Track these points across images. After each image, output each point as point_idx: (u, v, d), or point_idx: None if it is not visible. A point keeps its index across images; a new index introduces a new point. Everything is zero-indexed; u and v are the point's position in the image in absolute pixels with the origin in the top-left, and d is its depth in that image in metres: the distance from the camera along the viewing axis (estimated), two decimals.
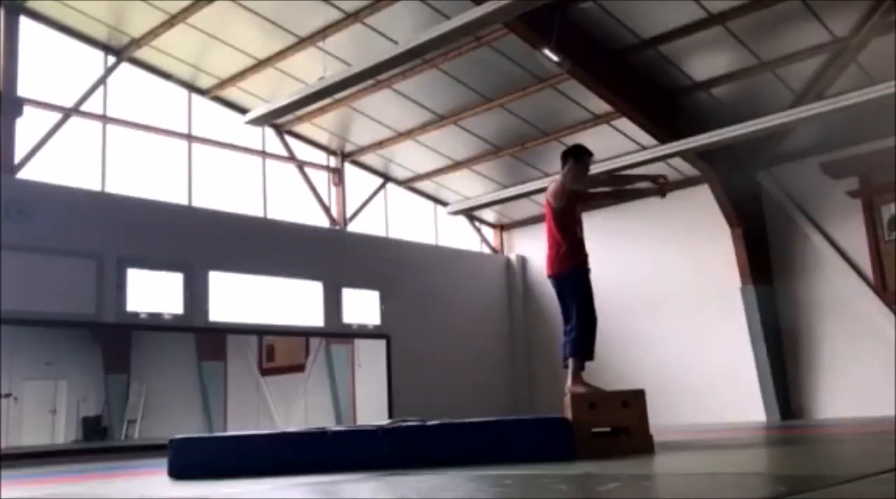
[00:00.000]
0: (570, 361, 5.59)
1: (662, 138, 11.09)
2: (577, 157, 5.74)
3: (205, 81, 11.66)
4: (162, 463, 5.30)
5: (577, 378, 5.51)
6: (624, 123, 11.60)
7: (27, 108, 9.95)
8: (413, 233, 14.30)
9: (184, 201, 11.33)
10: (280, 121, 12.22)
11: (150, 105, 11.29)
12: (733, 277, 12.01)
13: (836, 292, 11.55)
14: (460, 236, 15.18)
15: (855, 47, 9.89)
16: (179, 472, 4.98)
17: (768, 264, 12.17)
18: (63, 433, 9.39)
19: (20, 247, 9.25)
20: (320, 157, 13.40)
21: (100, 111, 10.72)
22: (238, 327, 11.20)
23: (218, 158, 11.99)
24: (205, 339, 10.84)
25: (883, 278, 11.20)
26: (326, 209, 13.24)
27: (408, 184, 14.30)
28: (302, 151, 13.11)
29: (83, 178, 10.40)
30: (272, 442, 5.20)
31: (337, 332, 12.30)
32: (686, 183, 12.98)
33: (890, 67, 9.29)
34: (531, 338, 14.89)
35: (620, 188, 7.05)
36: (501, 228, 15.68)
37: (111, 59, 10.86)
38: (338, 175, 13.48)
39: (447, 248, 14.68)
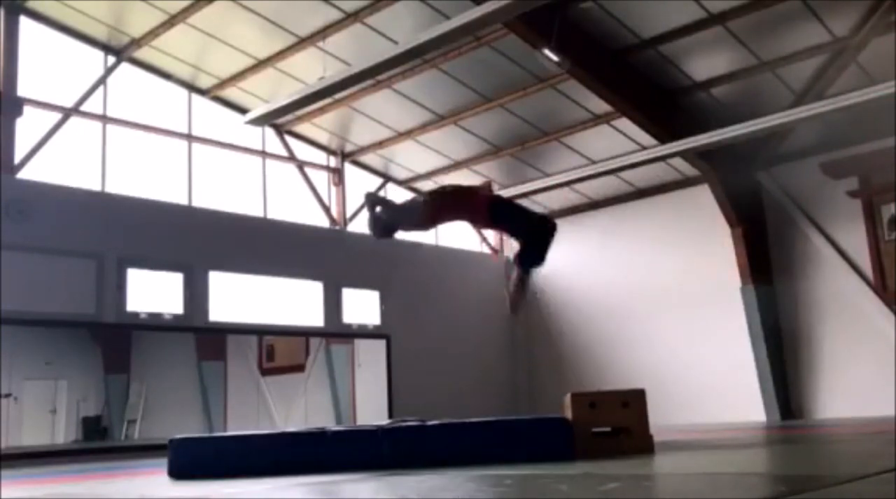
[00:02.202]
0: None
1: (662, 138, 11.09)
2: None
3: (205, 81, 11.66)
4: (162, 463, 5.30)
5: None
6: (624, 123, 11.60)
7: (27, 108, 9.95)
8: (413, 233, 14.26)
9: (184, 201, 11.33)
10: (280, 121, 12.22)
11: (150, 105, 11.29)
12: (733, 277, 12.01)
13: (836, 292, 11.55)
14: (460, 236, 15.17)
15: (855, 47, 9.89)
16: (179, 472, 4.98)
17: (768, 264, 12.17)
18: (63, 433, 9.39)
19: (20, 247, 9.25)
20: (320, 157, 13.41)
21: (100, 111, 10.72)
22: (238, 327, 11.20)
23: (218, 158, 11.99)
24: (205, 339, 10.84)
25: (883, 278, 11.20)
26: (326, 209, 13.24)
27: (408, 184, 14.29)
28: (302, 151, 13.11)
29: (83, 178, 10.40)
30: (272, 442, 5.19)
31: (337, 332, 12.30)
32: (686, 183, 13.00)
33: (890, 67, 9.29)
34: (531, 338, 14.90)
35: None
36: None
37: (111, 59, 10.86)
38: (338, 175, 13.49)
39: (447, 248, 14.67)
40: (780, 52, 10.21)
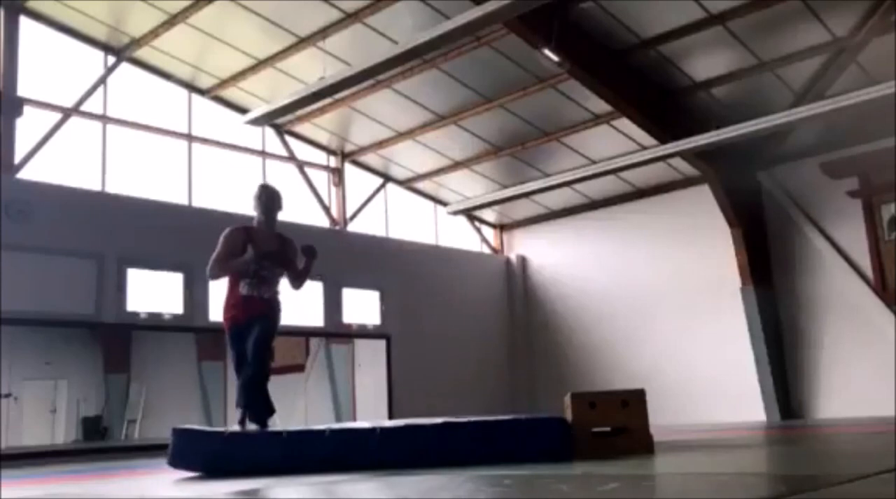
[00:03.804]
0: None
1: (662, 138, 11.09)
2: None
3: (205, 81, 11.66)
4: (162, 463, 5.30)
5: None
6: (624, 123, 11.60)
7: (27, 108, 9.94)
8: (413, 233, 14.30)
9: (184, 201, 11.33)
10: (280, 121, 12.22)
11: (150, 105, 11.28)
12: (733, 277, 12.01)
13: (836, 292, 11.55)
14: (460, 236, 15.18)
15: (855, 47, 9.89)
16: (178, 462, 4.99)
17: (768, 264, 12.17)
18: (63, 433, 9.39)
19: (20, 247, 9.25)
20: (320, 157, 13.40)
21: (100, 111, 10.72)
22: None
23: (218, 158, 11.99)
24: (205, 339, 10.82)
25: (883, 278, 11.20)
26: (326, 209, 13.24)
27: (408, 184, 14.30)
28: (302, 151, 13.11)
29: (83, 178, 10.40)
30: (272, 441, 5.19)
31: (337, 332, 12.30)
32: (686, 183, 13.00)
33: (890, 67, 9.29)
34: (531, 338, 14.90)
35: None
36: (501, 228, 15.69)
37: (111, 59, 10.86)
38: (338, 175, 13.48)
39: (447, 248, 14.67)
40: (780, 52, 10.21)
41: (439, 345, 13.41)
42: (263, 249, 5.80)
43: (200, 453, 5.02)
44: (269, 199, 6.03)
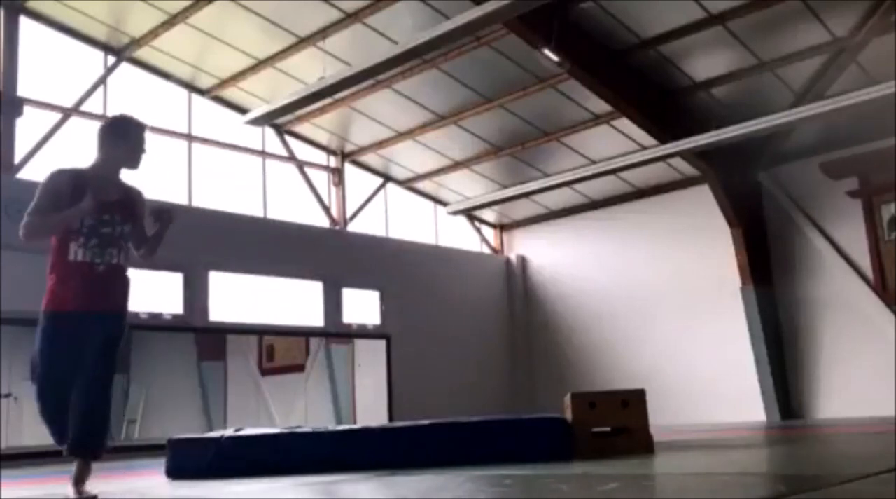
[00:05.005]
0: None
1: (662, 138, 11.09)
2: None
3: (205, 81, 11.66)
4: (162, 463, 5.30)
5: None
6: (624, 123, 11.60)
7: (27, 108, 9.94)
8: (413, 233, 14.30)
9: (184, 201, 11.33)
10: (280, 121, 12.22)
11: (150, 105, 11.28)
12: (733, 277, 12.01)
13: (836, 292, 11.55)
14: (460, 236, 15.18)
15: (855, 47, 9.89)
16: (177, 472, 4.98)
17: (768, 264, 12.17)
18: None
19: (20, 247, 9.23)
20: (320, 157, 13.41)
21: (100, 111, 10.71)
22: (238, 327, 11.19)
23: (218, 158, 11.99)
24: (205, 339, 10.83)
25: (883, 278, 11.20)
26: (326, 209, 13.24)
27: (408, 184, 14.30)
28: (302, 151, 13.11)
29: None
30: (271, 442, 5.19)
31: (337, 332, 12.30)
32: (686, 183, 13.00)
33: (890, 67, 9.29)
34: (531, 338, 14.90)
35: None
36: (501, 228, 15.69)
37: (111, 59, 10.86)
38: (338, 175, 13.48)
39: (447, 248, 14.67)
40: (780, 52, 10.21)
41: (439, 345, 13.41)
42: (103, 198, 4.10)
43: (198, 462, 4.98)
44: (129, 132, 4.39)
